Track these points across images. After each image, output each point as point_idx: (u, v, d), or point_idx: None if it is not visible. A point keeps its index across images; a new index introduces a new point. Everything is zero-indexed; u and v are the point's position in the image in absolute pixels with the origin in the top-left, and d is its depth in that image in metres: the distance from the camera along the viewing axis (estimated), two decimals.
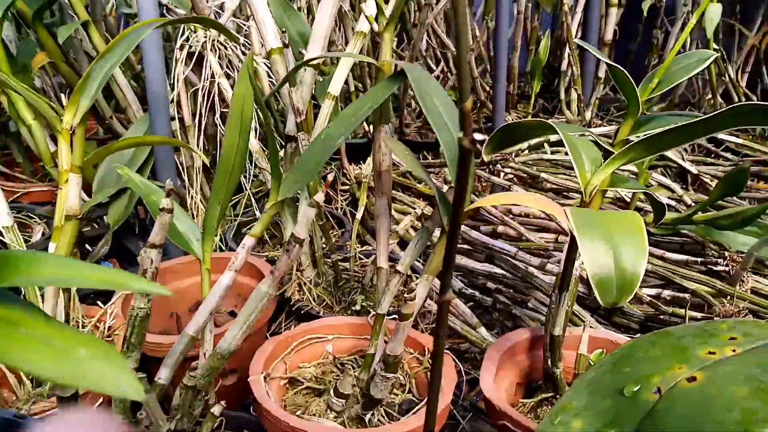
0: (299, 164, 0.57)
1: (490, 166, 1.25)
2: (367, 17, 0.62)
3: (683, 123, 0.54)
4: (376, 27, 0.62)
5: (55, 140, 1.04)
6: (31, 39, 1.13)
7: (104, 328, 0.71)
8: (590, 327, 0.64)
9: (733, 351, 0.38)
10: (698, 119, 0.53)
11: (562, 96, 1.70)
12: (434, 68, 1.76)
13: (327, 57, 0.77)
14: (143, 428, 0.44)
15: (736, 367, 0.36)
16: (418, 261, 0.98)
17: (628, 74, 0.62)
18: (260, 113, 0.99)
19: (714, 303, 0.83)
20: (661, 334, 0.42)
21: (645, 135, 0.57)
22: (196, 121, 1.01)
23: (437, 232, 0.61)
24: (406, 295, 0.50)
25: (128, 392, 0.24)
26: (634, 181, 0.70)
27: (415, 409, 0.59)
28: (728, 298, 0.90)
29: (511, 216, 1.12)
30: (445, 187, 1.15)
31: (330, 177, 0.47)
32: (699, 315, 0.84)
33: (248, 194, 1.01)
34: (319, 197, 0.48)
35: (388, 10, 0.62)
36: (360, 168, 1.17)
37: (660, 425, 0.34)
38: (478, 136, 0.27)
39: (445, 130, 0.53)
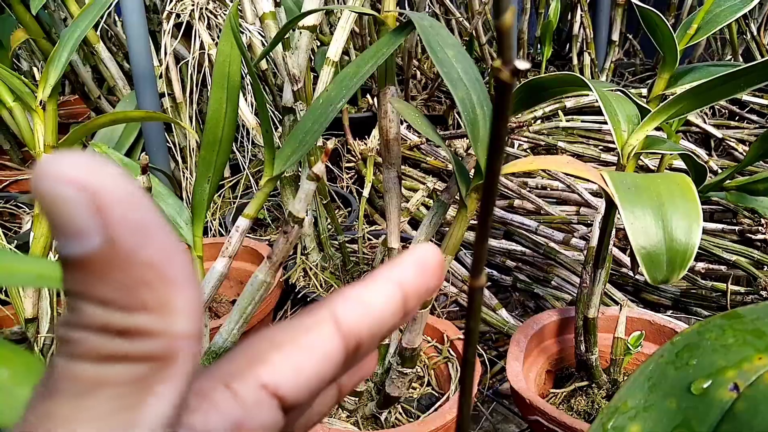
0: (295, 134, 0.50)
1: (507, 137, 1.18)
2: None
3: (733, 70, 0.47)
4: None
5: None
6: (10, 16, 1.06)
7: None
8: (626, 306, 0.57)
9: None
10: (751, 64, 0.46)
11: (575, 62, 1.62)
12: None
13: (324, 10, 0.70)
14: None
15: None
16: (433, 240, 0.92)
17: (662, 17, 0.54)
18: (251, 79, 0.92)
19: (758, 275, 0.77)
20: (729, 315, 0.35)
21: (688, 87, 0.50)
22: (188, 96, 0.94)
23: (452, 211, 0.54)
24: None
25: None
26: (670, 142, 0.63)
27: (436, 406, 0.53)
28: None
29: (528, 189, 1.05)
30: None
31: (330, 144, 0.40)
32: (742, 289, 0.78)
33: (246, 174, 0.94)
34: (319, 168, 0.41)
35: None
36: (365, 143, 1.10)
37: (743, 430, 0.28)
38: (521, 65, 0.20)
39: (460, 85, 0.46)
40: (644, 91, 1.40)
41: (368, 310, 0.16)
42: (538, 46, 1.76)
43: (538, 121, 1.36)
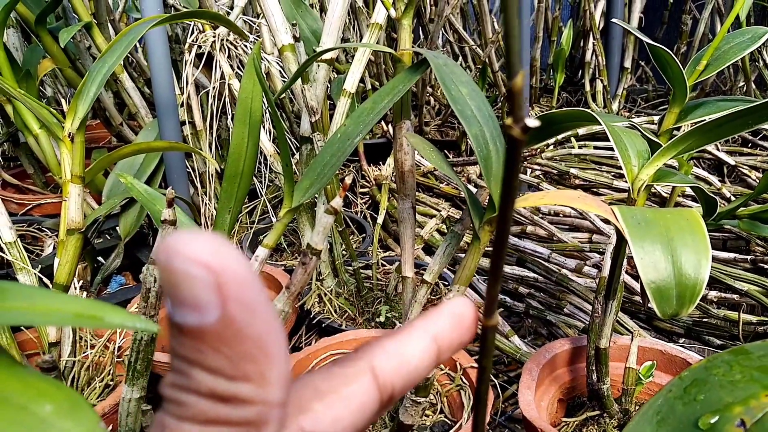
0: (314, 167, 0.52)
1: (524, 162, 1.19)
2: (383, 2, 0.57)
3: (744, 107, 0.48)
4: (393, 13, 0.56)
5: None
6: (37, 45, 1.09)
7: (114, 348, 0.67)
8: (638, 336, 0.58)
9: None
10: (761, 102, 0.47)
11: (587, 88, 1.63)
12: None
13: (342, 48, 0.72)
14: None
15: None
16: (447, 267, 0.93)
17: (672, 54, 0.56)
18: (271, 112, 0.94)
19: None
20: (736, 351, 0.36)
21: (699, 122, 0.51)
22: (207, 124, 0.96)
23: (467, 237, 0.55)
24: (430, 297, 0.45)
25: None
26: (681, 174, 0.64)
27: None
28: None
29: (540, 215, 1.06)
30: (471, 187, 1.10)
31: (348, 180, 0.42)
32: (754, 319, 0.78)
33: (264, 200, 0.96)
34: (337, 202, 0.43)
35: None
36: (379, 169, 1.12)
37: None
38: (531, 122, 0.22)
39: (473, 122, 0.47)
40: (656, 118, 1.41)
41: (404, 362, 0.18)
42: (551, 71, 1.78)
43: (551, 147, 1.37)
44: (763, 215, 0.97)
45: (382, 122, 1.40)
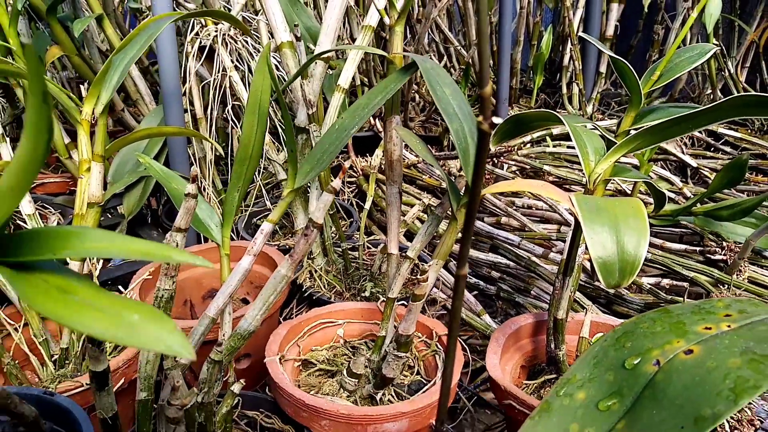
0: (314, 153, 0.59)
1: (494, 159, 1.28)
2: (379, 10, 0.65)
3: (685, 113, 0.56)
4: (387, 20, 0.64)
5: (69, 132, 1.06)
6: (43, 33, 1.15)
7: None
8: (592, 313, 0.66)
9: (729, 327, 0.40)
10: (700, 109, 0.56)
11: (564, 90, 1.72)
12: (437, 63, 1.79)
13: (340, 50, 0.79)
14: (176, 397, 0.47)
15: (731, 341, 0.38)
16: (425, 251, 1.01)
17: (630, 66, 0.64)
18: (280, 104, 1.01)
19: (712, 291, 0.86)
20: (660, 311, 0.44)
21: (648, 125, 0.59)
22: (207, 113, 1.03)
23: (444, 224, 0.63)
24: (418, 276, 0.52)
25: (180, 351, 0.26)
26: (636, 171, 0.72)
27: (424, 389, 0.62)
28: (725, 287, 0.93)
29: (514, 207, 1.15)
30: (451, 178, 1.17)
31: (347, 164, 0.49)
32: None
33: (259, 185, 1.03)
34: (337, 184, 0.50)
35: (399, 3, 0.64)
36: (367, 161, 1.19)
37: (659, 394, 0.37)
38: (496, 120, 0.30)
39: (455, 119, 0.55)
40: None
41: None
42: (531, 74, 1.86)
43: (528, 146, 1.45)
44: (715, 213, 1.06)
45: (370, 117, 1.48)
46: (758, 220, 1.03)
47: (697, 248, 0.97)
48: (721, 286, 0.92)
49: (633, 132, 0.62)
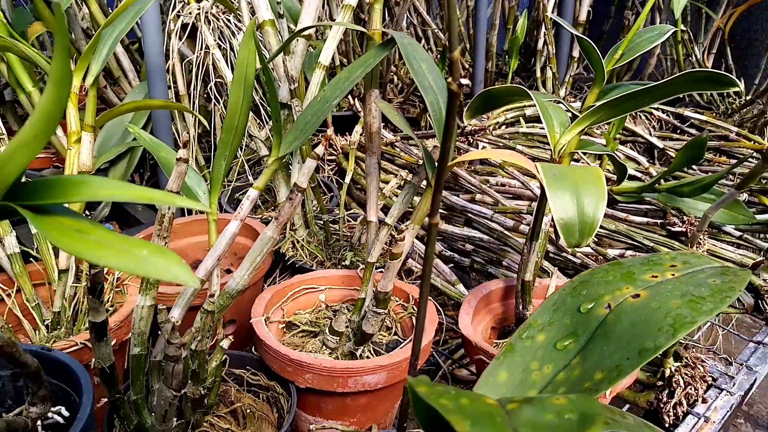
0: (297, 124, 0.62)
1: (469, 138, 1.32)
2: None
3: (641, 88, 0.61)
4: None
5: None
6: (24, 8, 1.16)
7: (113, 279, 0.76)
8: (557, 277, 0.71)
9: (673, 275, 0.45)
10: (654, 84, 0.60)
11: (538, 74, 1.77)
12: None
13: (321, 26, 0.82)
14: (172, 344, 0.50)
15: (674, 286, 0.43)
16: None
17: (594, 45, 0.68)
18: (266, 78, 1.04)
19: None
20: (613, 263, 0.49)
21: (608, 99, 0.64)
22: (190, 91, 1.05)
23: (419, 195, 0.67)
24: (395, 235, 0.56)
25: (184, 278, 0.30)
26: (599, 144, 0.77)
27: (401, 345, 0.66)
28: None
29: (488, 185, 1.19)
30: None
31: (329, 132, 0.53)
32: None
33: (242, 161, 1.06)
34: (320, 150, 0.54)
35: None
36: (346, 139, 1.23)
37: (609, 333, 0.42)
38: (464, 81, 0.34)
39: (430, 91, 0.59)
40: None
41: None
42: (507, 57, 1.90)
43: (502, 127, 1.50)
44: (677, 189, 1.12)
45: (349, 96, 1.51)
46: (717, 195, 1.09)
47: (659, 221, 1.02)
48: None
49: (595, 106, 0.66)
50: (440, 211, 1.16)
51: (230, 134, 0.63)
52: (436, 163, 0.63)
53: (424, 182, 0.65)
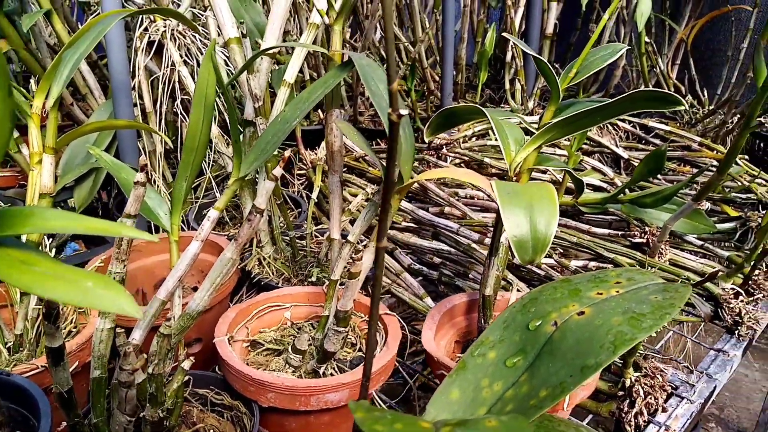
0: (258, 144, 0.63)
1: (438, 152, 1.33)
2: (318, 10, 0.69)
3: (593, 107, 0.62)
4: (327, 20, 0.68)
5: (17, 127, 1.07)
6: None
7: None
8: (518, 290, 0.72)
9: (617, 292, 0.46)
10: (606, 103, 0.62)
11: (507, 86, 1.79)
12: None
13: (283, 47, 0.82)
14: (127, 371, 0.50)
15: (617, 303, 0.44)
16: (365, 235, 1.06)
17: (549, 65, 0.70)
18: (220, 100, 1.05)
19: None
20: (562, 280, 0.50)
21: (560, 118, 0.65)
22: (157, 107, 1.05)
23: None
24: (353, 256, 0.57)
25: (128, 310, 0.30)
26: (558, 160, 0.78)
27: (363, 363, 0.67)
28: (651, 268, 1.01)
29: (457, 198, 1.21)
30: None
31: (287, 154, 0.53)
32: None
33: (209, 177, 1.06)
34: (278, 171, 0.54)
35: (338, 3, 0.69)
36: (315, 153, 1.23)
37: (555, 350, 0.43)
38: (403, 111, 0.35)
39: (387, 111, 0.60)
40: None
41: None
42: (477, 68, 1.93)
43: (472, 139, 1.52)
44: (640, 200, 1.15)
45: (319, 110, 1.52)
46: (678, 206, 1.12)
47: (619, 233, 1.04)
48: (641, 268, 1.00)
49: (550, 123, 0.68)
50: (409, 224, 1.17)
51: (191, 155, 0.63)
52: (396, 184, 0.64)
53: None
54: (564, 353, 0.42)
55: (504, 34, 0.75)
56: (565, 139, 1.51)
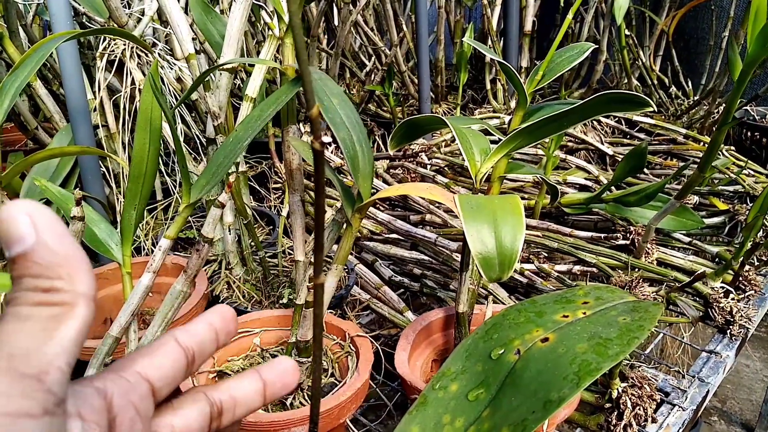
0: (209, 167, 0.60)
1: (416, 159, 1.30)
2: (268, 24, 0.66)
3: (556, 113, 0.59)
4: (277, 33, 0.65)
5: None
6: None
7: None
8: (493, 303, 0.69)
9: (584, 314, 0.43)
10: (570, 108, 0.59)
11: (488, 86, 1.77)
12: (367, 63, 1.80)
13: (236, 63, 0.79)
14: None
15: (582, 327, 0.41)
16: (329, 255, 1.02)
17: (513, 69, 0.67)
18: (169, 122, 1.01)
19: (611, 274, 0.90)
20: (528, 302, 0.47)
21: (524, 126, 0.62)
22: (121, 127, 1.02)
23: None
24: (308, 285, 0.54)
25: None
26: (530, 166, 0.75)
27: (333, 391, 0.64)
28: (635, 269, 0.98)
29: (436, 205, 1.18)
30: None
31: (231, 178, 0.50)
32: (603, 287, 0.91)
33: (177, 197, 1.03)
34: (223, 197, 0.51)
35: (287, 16, 0.66)
36: None
37: (517, 381, 0.40)
38: (325, 139, 0.32)
39: (342, 128, 0.57)
40: None
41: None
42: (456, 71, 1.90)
43: (454, 143, 1.49)
44: (624, 199, 1.11)
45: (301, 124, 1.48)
46: (663, 203, 1.09)
47: (602, 234, 1.01)
48: (631, 270, 0.97)
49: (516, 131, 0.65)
50: (389, 235, 1.14)
51: (138, 183, 0.60)
52: (355, 202, 0.61)
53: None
54: (527, 385, 0.39)
55: (467, 40, 0.72)
56: (549, 139, 1.48)
